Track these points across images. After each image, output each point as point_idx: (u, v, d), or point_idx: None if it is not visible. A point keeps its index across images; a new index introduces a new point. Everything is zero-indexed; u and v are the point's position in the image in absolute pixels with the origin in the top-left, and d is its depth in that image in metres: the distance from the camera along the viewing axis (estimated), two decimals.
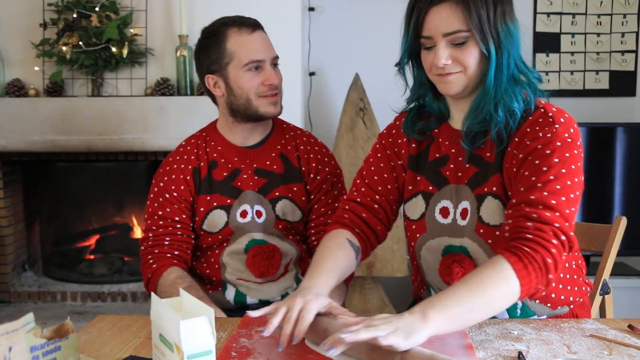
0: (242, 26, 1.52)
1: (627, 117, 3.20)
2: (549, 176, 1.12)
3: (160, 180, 1.59)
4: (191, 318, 0.90)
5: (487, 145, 1.24)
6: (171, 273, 1.49)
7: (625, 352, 1.05)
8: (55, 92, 2.93)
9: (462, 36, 1.16)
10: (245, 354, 1.05)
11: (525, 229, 1.09)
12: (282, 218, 1.57)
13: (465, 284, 1.05)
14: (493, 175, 1.22)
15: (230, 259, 1.56)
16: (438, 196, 1.29)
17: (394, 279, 3.01)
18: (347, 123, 2.93)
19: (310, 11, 3.21)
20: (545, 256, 1.07)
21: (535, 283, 1.07)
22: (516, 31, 1.19)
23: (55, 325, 0.94)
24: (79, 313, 3.04)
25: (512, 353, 1.05)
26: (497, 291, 1.05)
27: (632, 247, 2.80)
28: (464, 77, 1.20)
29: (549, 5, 3.20)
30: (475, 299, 1.03)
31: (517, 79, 1.20)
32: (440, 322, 0.99)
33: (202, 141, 1.61)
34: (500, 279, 1.05)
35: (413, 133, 1.34)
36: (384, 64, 3.37)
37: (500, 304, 1.07)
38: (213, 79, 1.55)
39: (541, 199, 1.10)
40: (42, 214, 3.38)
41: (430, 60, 1.20)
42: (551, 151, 1.14)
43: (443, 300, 1.02)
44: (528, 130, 1.18)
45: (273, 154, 1.60)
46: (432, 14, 1.17)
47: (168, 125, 2.86)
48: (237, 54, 1.51)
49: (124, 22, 2.90)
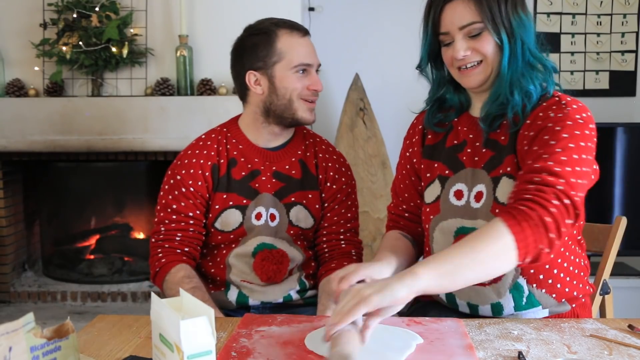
0: (294, 29, 1.55)
1: (627, 117, 3.20)
2: (556, 148, 1.14)
3: (177, 172, 1.56)
4: (191, 318, 0.90)
5: (503, 128, 1.29)
6: (180, 270, 1.49)
7: (625, 352, 1.05)
8: (55, 92, 2.93)
9: (477, 27, 1.23)
10: (245, 354, 1.05)
11: (526, 191, 1.10)
12: (294, 224, 1.57)
13: (457, 244, 1.07)
14: (507, 156, 1.26)
15: (237, 260, 1.56)
16: (453, 179, 1.33)
17: None
18: (347, 123, 2.93)
19: (310, 11, 3.22)
20: (542, 214, 1.05)
21: (533, 240, 1.04)
22: (529, 21, 1.25)
23: (55, 325, 0.94)
24: (79, 313, 3.04)
25: (512, 353, 1.05)
26: (489, 247, 1.04)
27: (632, 247, 2.80)
28: (484, 68, 1.26)
29: (549, 5, 3.20)
30: (466, 255, 1.03)
31: (532, 65, 1.26)
32: (428, 278, 0.99)
33: (223, 137, 1.59)
34: (491, 236, 1.05)
35: (433, 126, 1.40)
36: (384, 64, 3.40)
37: (495, 261, 1.05)
38: (255, 76, 1.53)
39: (546, 167, 1.11)
40: (42, 214, 3.38)
41: (450, 54, 1.28)
42: (561, 127, 1.17)
43: (433, 258, 1.04)
44: (540, 114, 1.23)
45: (293, 158, 1.60)
46: (447, 10, 1.25)
47: (168, 125, 2.87)
48: (287, 55, 1.51)
49: (124, 22, 2.90)
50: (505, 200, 1.23)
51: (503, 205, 1.23)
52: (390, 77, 3.20)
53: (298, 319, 1.22)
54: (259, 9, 2.77)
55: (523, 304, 1.27)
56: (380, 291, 0.96)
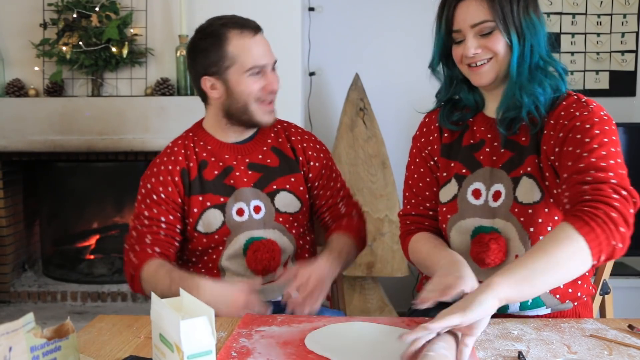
0: (244, 29, 1.50)
1: (627, 117, 3.20)
2: (593, 145, 1.16)
3: (147, 182, 1.57)
4: (191, 318, 0.90)
5: (522, 130, 1.30)
6: (150, 265, 1.46)
7: (625, 352, 1.05)
8: (55, 92, 2.93)
9: (488, 26, 1.25)
10: (245, 354, 1.05)
11: (583, 192, 1.10)
12: (282, 211, 1.56)
13: (529, 252, 1.06)
14: (528, 157, 1.28)
15: (230, 263, 1.55)
16: (471, 178, 1.34)
17: (394, 279, 3.01)
18: (347, 123, 2.92)
19: (310, 11, 3.22)
20: (608, 210, 1.06)
21: (605, 238, 1.05)
22: (540, 24, 1.27)
23: (55, 325, 0.94)
24: (79, 313, 3.04)
25: (512, 353, 1.05)
26: (562, 250, 1.04)
27: (632, 247, 2.78)
28: (494, 65, 1.28)
29: (549, 5, 3.20)
30: (540, 259, 1.03)
31: (542, 68, 1.27)
32: (506, 287, 1.00)
33: (190, 141, 1.59)
34: (563, 239, 1.05)
35: (449, 124, 1.40)
36: (384, 64, 3.40)
37: (570, 262, 1.05)
38: (210, 81, 1.52)
39: (591, 164, 1.13)
40: (42, 214, 3.38)
41: (461, 52, 1.30)
42: (591, 125, 1.19)
43: (507, 268, 1.03)
44: (562, 113, 1.24)
45: (265, 147, 1.60)
46: (460, 8, 1.28)
47: (168, 125, 2.86)
48: (239, 58, 1.49)
49: (124, 22, 2.90)
50: (524, 199, 1.26)
51: (522, 205, 1.26)
52: (391, 77, 3.20)
53: (298, 319, 1.23)
54: (259, 8, 2.77)
55: (528, 304, 1.28)
56: (469, 307, 0.96)
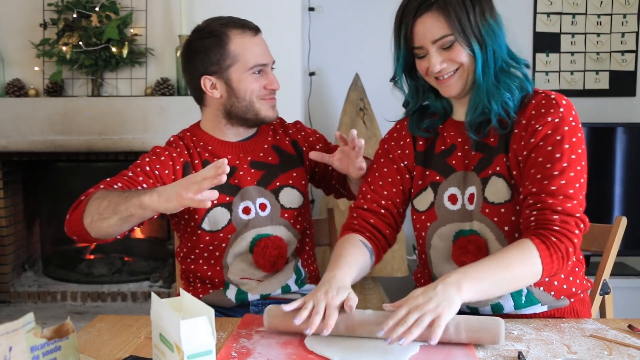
0: (245, 28, 1.51)
1: (627, 117, 3.20)
2: (562, 163, 1.21)
3: (144, 157, 1.51)
4: (191, 318, 0.90)
5: (491, 132, 1.31)
6: (98, 192, 1.36)
7: (625, 352, 1.05)
8: (55, 92, 2.93)
9: (448, 40, 1.25)
10: (245, 354, 1.05)
11: (552, 221, 1.19)
12: (287, 207, 1.56)
13: (494, 260, 1.16)
14: (497, 156, 1.29)
15: (235, 260, 1.54)
16: (445, 184, 1.34)
17: (394, 279, 3.01)
18: (347, 123, 2.92)
19: (310, 11, 3.21)
20: (568, 246, 1.18)
21: (556, 269, 1.18)
22: (498, 27, 1.27)
23: (55, 325, 0.94)
24: (79, 313, 3.04)
25: (512, 353, 1.05)
26: (522, 270, 1.16)
27: (632, 247, 2.80)
28: (462, 74, 1.28)
29: (549, 5, 3.20)
30: (503, 275, 1.15)
31: (506, 71, 1.28)
32: (470, 293, 1.10)
33: (189, 141, 1.58)
34: (526, 261, 1.16)
35: (419, 131, 1.41)
36: (384, 64, 3.37)
37: (522, 282, 1.20)
38: (210, 80, 1.52)
39: (561, 189, 1.20)
40: (42, 214, 3.38)
41: (426, 65, 1.30)
42: (561, 137, 1.22)
43: (475, 273, 1.13)
44: (533, 112, 1.26)
45: (265, 145, 1.60)
46: (418, 25, 1.27)
47: (168, 125, 2.86)
48: (242, 57, 1.49)
49: (124, 22, 2.90)
50: (494, 199, 1.27)
51: (492, 205, 1.27)
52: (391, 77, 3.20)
53: None
54: (259, 8, 2.78)
55: (522, 302, 1.28)
56: (450, 310, 1.05)
